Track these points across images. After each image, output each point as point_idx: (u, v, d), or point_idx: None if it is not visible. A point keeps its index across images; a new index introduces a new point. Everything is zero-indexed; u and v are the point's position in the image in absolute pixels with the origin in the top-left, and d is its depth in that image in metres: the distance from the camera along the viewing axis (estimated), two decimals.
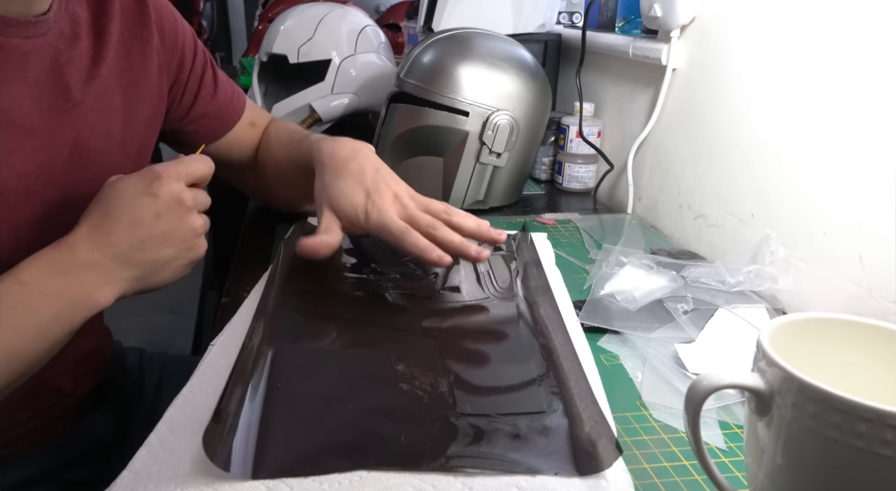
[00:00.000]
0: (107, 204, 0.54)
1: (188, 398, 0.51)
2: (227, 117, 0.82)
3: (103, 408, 0.74)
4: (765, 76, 0.77)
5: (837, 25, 0.67)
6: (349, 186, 0.69)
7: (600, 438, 0.46)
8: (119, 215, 0.54)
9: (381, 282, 0.70)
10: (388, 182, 0.70)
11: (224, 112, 0.82)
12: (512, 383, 0.54)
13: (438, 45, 1.00)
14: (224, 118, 0.82)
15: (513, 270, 0.74)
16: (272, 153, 0.86)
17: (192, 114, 0.78)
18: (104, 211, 0.54)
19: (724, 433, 0.52)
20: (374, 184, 0.69)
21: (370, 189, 0.69)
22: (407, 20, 1.82)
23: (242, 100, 0.85)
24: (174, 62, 0.73)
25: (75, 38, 0.60)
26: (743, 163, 0.81)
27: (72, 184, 0.60)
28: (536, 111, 1.00)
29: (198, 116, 0.79)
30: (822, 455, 0.35)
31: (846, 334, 0.42)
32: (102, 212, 0.54)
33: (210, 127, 0.81)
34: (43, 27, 0.56)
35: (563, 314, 0.64)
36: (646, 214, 1.03)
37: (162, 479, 0.42)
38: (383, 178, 0.70)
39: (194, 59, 0.77)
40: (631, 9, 1.08)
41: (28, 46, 0.55)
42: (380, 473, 0.43)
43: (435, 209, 0.71)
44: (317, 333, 0.60)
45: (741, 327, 0.65)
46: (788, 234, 0.74)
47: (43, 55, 0.56)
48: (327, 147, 0.73)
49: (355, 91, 1.36)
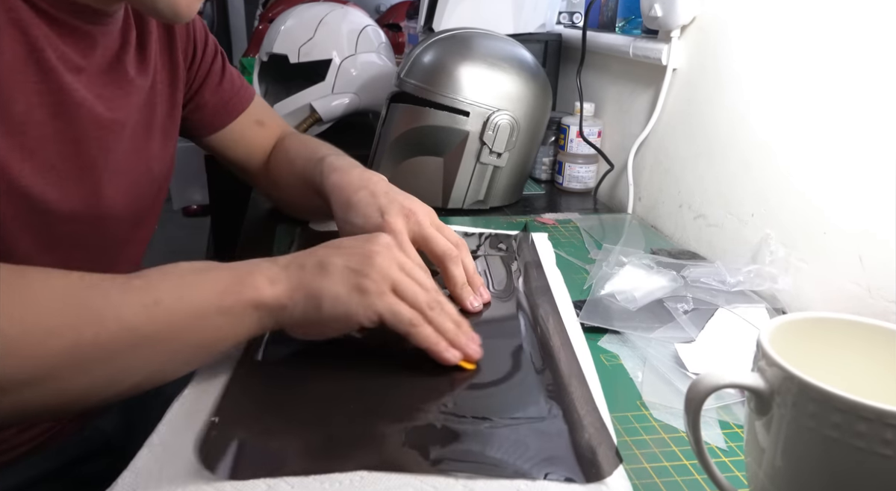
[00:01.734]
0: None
1: (189, 399, 0.51)
2: (231, 107, 0.82)
3: (112, 407, 0.74)
4: (765, 76, 0.77)
5: (837, 25, 0.67)
6: (360, 219, 0.67)
7: (600, 445, 0.46)
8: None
9: None
10: (401, 201, 0.68)
11: (228, 102, 0.82)
12: (512, 388, 0.54)
13: (439, 45, 1.00)
14: (228, 108, 0.82)
15: (514, 271, 0.74)
16: (287, 168, 0.84)
17: (195, 100, 0.78)
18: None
19: (725, 433, 0.52)
20: (387, 206, 0.67)
21: (384, 210, 0.66)
22: (407, 20, 1.82)
23: (249, 95, 0.85)
24: (189, 50, 0.75)
25: (127, 26, 0.62)
26: (743, 163, 0.81)
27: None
28: (537, 111, 1.00)
29: (201, 104, 0.79)
30: (822, 455, 0.35)
31: (846, 334, 0.42)
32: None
33: (212, 115, 0.81)
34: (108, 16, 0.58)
35: (563, 316, 0.64)
36: (646, 214, 1.03)
37: (163, 478, 0.42)
38: (395, 198, 0.68)
39: (205, 48, 0.77)
40: (631, 9, 1.08)
41: (97, 31, 0.57)
42: (380, 473, 0.43)
43: (451, 238, 0.68)
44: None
45: (741, 327, 0.65)
46: (788, 234, 0.74)
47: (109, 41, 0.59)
48: (335, 181, 0.71)
49: (356, 91, 1.36)
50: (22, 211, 0.54)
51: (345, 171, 0.72)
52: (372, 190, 0.68)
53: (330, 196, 0.71)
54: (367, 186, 0.69)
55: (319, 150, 0.81)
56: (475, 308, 0.65)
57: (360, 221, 0.67)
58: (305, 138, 0.89)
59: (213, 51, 0.79)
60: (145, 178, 0.67)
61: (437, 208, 0.99)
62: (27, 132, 0.52)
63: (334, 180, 0.71)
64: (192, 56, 0.75)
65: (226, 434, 0.45)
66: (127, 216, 0.65)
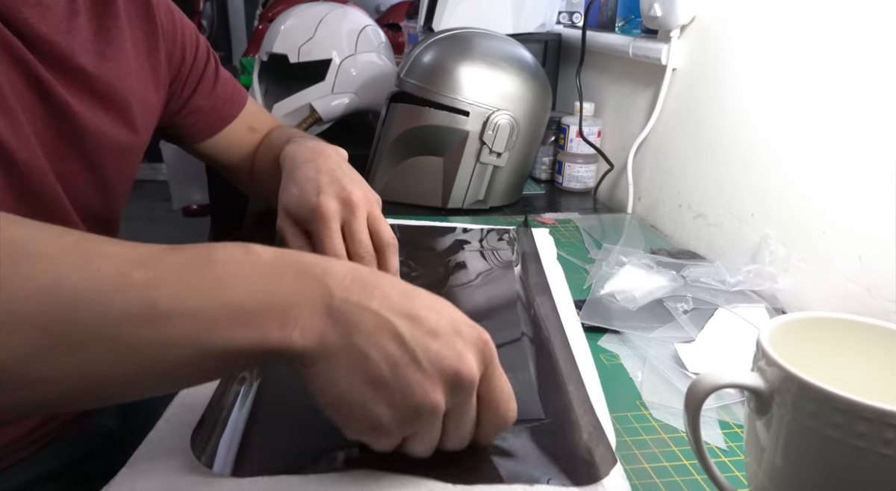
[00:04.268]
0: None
1: (188, 396, 0.51)
2: (224, 113, 0.82)
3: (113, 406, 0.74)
4: (764, 76, 0.77)
5: (837, 25, 0.67)
6: (296, 191, 0.63)
7: (598, 446, 0.45)
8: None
9: None
10: (344, 183, 0.63)
11: (221, 108, 0.81)
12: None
13: (439, 44, 1.00)
14: (221, 114, 0.82)
15: (512, 260, 0.75)
16: (262, 155, 0.83)
17: (188, 106, 0.78)
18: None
19: (724, 433, 0.52)
20: (326, 186, 0.62)
21: (321, 189, 0.62)
22: (407, 20, 1.82)
23: (242, 100, 0.85)
24: (176, 55, 0.74)
25: (73, 14, 0.59)
26: (743, 162, 0.81)
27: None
28: (537, 111, 1.00)
29: (193, 109, 0.79)
30: (822, 455, 0.35)
31: (846, 334, 0.42)
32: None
33: (205, 122, 0.81)
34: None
35: (562, 315, 0.64)
36: (646, 214, 1.03)
37: (162, 474, 0.42)
38: (338, 178, 0.63)
39: (196, 53, 0.77)
40: (631, 8, 1.08)
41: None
42: (377, 476, 0.43)
43: (382, 235, 0.63)
44: None
45: (741, 327, 0.65)
46: (788, 234, 0.74)
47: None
48: (290, 150, 0.68)
49: (356, 91, 1.36)
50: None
51: (299, 143, 0.70)
52: (318, 165, 0.65)
53: (282, 166, 0.68)
54: (315, 160, 0.65)
55: (292, 135, 0.79)
56: None
57: (296, 194, 0.63)
58: (289, 130, 0.87)
59: (204, 56, 0.78)
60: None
61: (436, 208, 1.00)
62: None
63: (287, 150, 0.69)
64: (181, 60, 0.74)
65: (225, 431, 0.46)
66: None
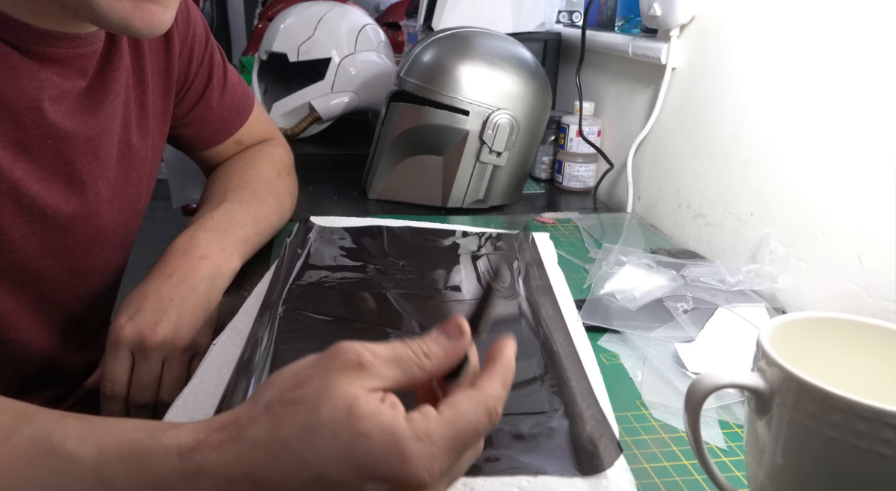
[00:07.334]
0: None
1: (189, 398, 0.51)
2: (229, 124, 0.81)
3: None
4: (764, 75, 0.77)
5: (837, 24, 0.67)
6: (133, 298, 0.58)
7: (602, 437, 0.46)
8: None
9: (382, 282, 0.70)
10: (163, 318, 0.56)
11: (226, 119, 0.81)
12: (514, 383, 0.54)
13: (438, 43, 1.00)
14: (225, 125, 0.81)
15: (514, 270, 0.75)
16: (211, 180, 0.79)
17: (192, 115, 0.77)
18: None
19: (724, 433, 0.52)
20: (148, 309, 0.56)
21: (134, 314, 0.56)
22: (407, 19, 1.81)
23: (244, 114, 0.83)
24: (184, 56, 0.73)
25: (118, 53, 0.61)
26: (742, 162, 0.81)
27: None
28: (536, 110, 1.00)
29: (196, 119, 0.78)
30: (822, 454, 0.35)
31: (846, 334, 0.42)
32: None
33: (208, 132, 0.80)
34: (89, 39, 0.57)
35: (564, 314, 0.64)
36: (645, 213, 1.03)
37: None
38: (166, 310, 0.57)
39: (204, 53, 0.76)
40: (630, 8, 1.08)
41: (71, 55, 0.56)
42: None
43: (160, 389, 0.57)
44: (319, 332, 0.61)
45: (741, 327, 0.65)
46: (788, 234, 0.74)
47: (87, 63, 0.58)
48: (178, 243, 0.63)
49: (355, 90, 1.35)
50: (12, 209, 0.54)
51: (199, 228, 0.65)
52: (162, 284, 0.59)
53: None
54: (174, 274, 0.60)
55: (241, 184, 0.75)
56: None
57: (129, 302, 0.58)
58: (252, 168, 0.80)
59: (209, 60, 0.77)
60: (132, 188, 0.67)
61: (436, 207, 1.00)
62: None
63: (178, 241, 0.64)
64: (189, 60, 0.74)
65: None
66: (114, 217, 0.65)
